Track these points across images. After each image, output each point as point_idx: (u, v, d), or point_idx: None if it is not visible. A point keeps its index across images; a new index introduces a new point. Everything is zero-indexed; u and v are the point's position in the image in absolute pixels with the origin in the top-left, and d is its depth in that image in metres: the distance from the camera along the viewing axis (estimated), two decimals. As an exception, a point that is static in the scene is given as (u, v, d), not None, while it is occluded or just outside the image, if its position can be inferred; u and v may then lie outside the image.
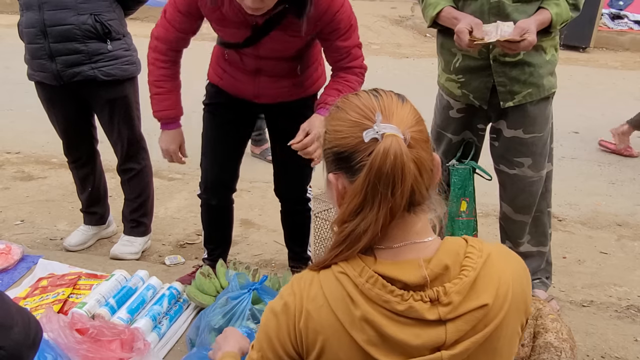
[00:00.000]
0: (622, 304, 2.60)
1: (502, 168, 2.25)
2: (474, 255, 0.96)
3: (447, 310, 0.92)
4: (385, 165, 0.90)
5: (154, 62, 2.08)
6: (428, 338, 0.92)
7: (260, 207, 3.40)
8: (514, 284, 0.97)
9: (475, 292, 0.93)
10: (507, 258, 1.01)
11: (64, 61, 2.42)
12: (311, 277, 0.99)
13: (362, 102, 0.98)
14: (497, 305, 0.94)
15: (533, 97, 2.11)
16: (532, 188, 2.22)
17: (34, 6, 2.39)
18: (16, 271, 2.42)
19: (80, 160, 2.76)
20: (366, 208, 0.93)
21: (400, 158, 0.90)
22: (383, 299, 0.92)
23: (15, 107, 4.95)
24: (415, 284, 0.92)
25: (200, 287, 2.18)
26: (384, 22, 8.34)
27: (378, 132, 0.92)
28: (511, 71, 2.07)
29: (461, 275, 0.94)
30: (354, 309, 0.93)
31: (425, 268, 0.93)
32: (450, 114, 2.23)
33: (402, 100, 0.99)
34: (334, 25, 1.88)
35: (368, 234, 0.93)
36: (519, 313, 0.99)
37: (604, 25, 7.97)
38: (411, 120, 0.96)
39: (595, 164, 4.24)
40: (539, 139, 2.16)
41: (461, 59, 2.12)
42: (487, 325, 0.93)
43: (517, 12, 1.99)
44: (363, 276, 0.94)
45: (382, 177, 0.90)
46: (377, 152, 0.91)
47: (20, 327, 1.15)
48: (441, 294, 0.92)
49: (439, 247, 0.97)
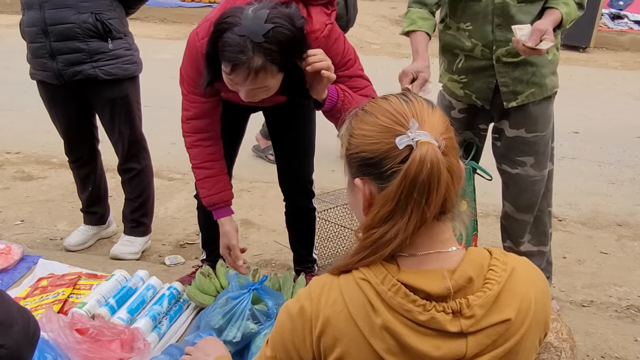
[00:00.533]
0: (622, 304, 2.60)
1: (504, 168, 2.25)
2: (498, 269, 0.95)
3: (469, 324, 0.91)
4: (421, 173, 0.89)
5: (195, 144, 1.97)
6: (448, 350, 0.91)
7: (260, 207, 3.40)
8: (536, 300, 0.97)
9: (498, 307, 0.92)
10: (531, 273, 1.00)
11: (65, 60, 2.42)
12: (330, 281, 0.98)
13: (393, 107, 0.96)
14: (518, 321, 0.93)
15: (536, 96, 2.11)
16: (534, 187, 2.22)
17: (35, 5, 2.39)
18: (16, 271, 2.42)
19: (81, 159, 2.76)
20: (397, 215, 0.91)
21: (437, 166, 0.89)
22: (405, 308, 0.91)
23: (15, 107, 4.95)
24: (438, 295, 0.91)
25: (200, 287, 2.18)
26: (384, 22, 8.35)
27: (413, 139, 0.91)
28: (514, 71, 2.07)
29: (485, 288, 0.93)
30: (375, 317, 0.92)
31: (449, 279, 0.92)
32: (452, 114, 2.23)
33: (432, 107, 0.98)
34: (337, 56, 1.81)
35: (396, 240, 0.92)
36: (538, 328, 0.98)
37: (604, 25, 7.97)
38: (442, 127, 0.95)
39: (595, 164, 4.24)
40: (541, 138, 2.17)
41: (464, 60, 2.12)
42: (507, 340, 0.92)
43: (522, 13, 1.99)
44: (386, 284, 0.92)
45: (418, 184, 0.89)
46: (413, 159, 0.89)
47: (20, 325, 1.15)
48: (464, 306, 0.91)
49: (463, 258, 0.96)
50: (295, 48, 1.64)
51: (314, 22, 1.72)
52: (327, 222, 2.82)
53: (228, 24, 1.58)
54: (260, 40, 1.54)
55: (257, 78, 1.61)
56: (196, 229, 3.05)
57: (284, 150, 2.23)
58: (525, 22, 2.00)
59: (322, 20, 1.74)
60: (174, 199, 3.48)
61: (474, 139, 2.29)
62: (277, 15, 1.58)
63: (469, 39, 2.07)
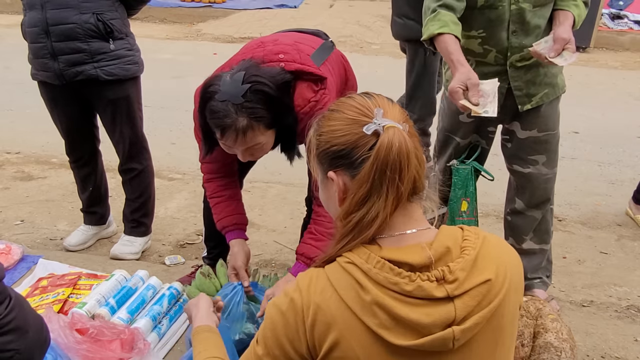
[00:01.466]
0: (622, 304, 2.60)
1: (515, 168, 2.25)
2: (471, 238, 1.02)
3: (453, 287, 0.96)
4: (391, 152, 0.96)
5: (209, 180, 2.07)
6: (439, 315, 0.95)
7: (260, 207, 3.40)
8: (511, 264, 1.03)
9: (478, 269, 0.98)
10: (501, 242, 1.08)
11: (66, 60, 2.42)
12: (317, 272, 1.02)
13: (357, 102, 1.05)
14: (498, 282, 0.99)
15: (550, 97, 2.12)
16: (547, 185, 2.24)
17: (37, 5, 2.39)
18: (16, 271, 2.42)
19: (82, 159, 2.76)
20: (374, 195, 0.98)
21: (405, 144, 0.97)
22: (391, 281, 0.95)
23: (15, 107, 4.95)
24: (420, 265, 0.97)
25: (200, 287, 2.18)
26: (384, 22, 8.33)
27: (380, 124, 0.98)
28: (526, 74, 2.07)
29: (463, 255, 0.99)
30: (364, 295, 0.96)
31: (428, 249, 0.98)
32: (460, 118, 2.21)
33: (391, 101, 1.08)
34: None
35: (378, 220, 0.98)
36: (517, 293, 1.04)
37: (604, 25, 7.96)
38: (403, 117, 1.04)
39: (595, 164, 4.24)
40: (552, 137, 2.18)
41: (475, 65, 2.09)
42: (491, 301, 0.98)
43: (537, 17, 2.00)
44: (370, 262, 0.97)
45: (390, 163, 0.96)
46: (381, 142, 0.97)
47: (34, 331, 1.20)
48: (446, 272, 0.96)
49: (438, 232, 1.03)
50: (278, 102, 1.68)
51: (296, 96, 1.76)
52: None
53: (209, 93, 1.65)
54: (240, 101, 1.61)
55: (246, 137, 1.66)
56: (196, 229, 3.06)
57: None
58: (540, 26, 2.00)
59: (305, 96, 1.76)
60: (174, 199, 3.48)
61: (480, 141, 2.29)
62: (254, 74, 1.64)
63: (481, 45, 2.06)
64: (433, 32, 1.94)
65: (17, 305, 1.17)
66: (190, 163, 3.78)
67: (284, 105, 1.71)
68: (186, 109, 2.19)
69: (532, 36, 2.01)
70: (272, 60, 1.76)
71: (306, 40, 1.97)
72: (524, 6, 1.97)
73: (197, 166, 2.30)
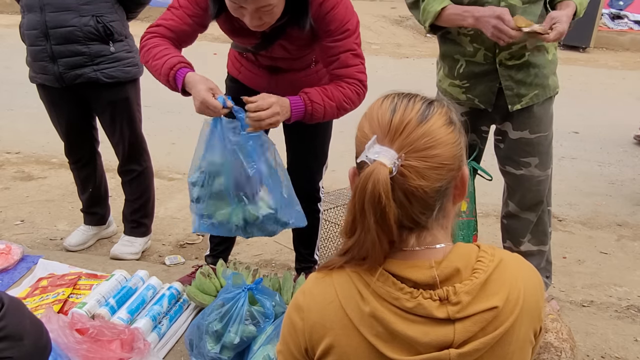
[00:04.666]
0: (622, 304, 2.60)
1: (508, 169, 2.25)
2: (485, 259, 0.97)
3: (455, 310, 0.92)
4: (366, 190, 0.89)
5: (152, 36, 1.85)
6: (436, 336, 0.92)
7: (260, 207, 3.40)
8: (526, 290, 0.98)
9: (486, 294, 0.94)
10: (520, 265, 1.01)
11: (65, 63, 2.42)
12: (323, 275, 1.02)
13: (377, 114, 0.96)
14: (507, 309, 0.94)
15: (540, 98, 2.11)
16: (539, 187, 2.23)
17: (36, 8, 2.39)
18: (16, 271, 2.42)
19: (82, 161, 2.76)
20: (359, 227, 0.93)
21: (381, 186, 0.88)
22: (393, 296, 0.93)
23: (15, 107, 4.95)
24: (424, 283, 0.93)
25: (200, 287, 2.18)
26: (384, 22, 8.35)
27: (367, 156, 0.91)
28: (517, 74, 2.07)
29: (472, 277, 0.95)
30: (363, 306, 0.94)
31: (435, 269, 0.94)
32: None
33: (422, 120, 0.93)
34: (324, 26, 1.78)
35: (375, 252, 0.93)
36: (531, 320, 0.98)
37: (604, 25, 7.96)
38: (421, 145, 0.91)
39: (595, 164, 4.24)
40: (544, 138, 2.17)
41: (465, 65, 2.10)
42: (497, 329, 0.93)
43: (526, 14, 1.98)
44: (374, 274, 0.95)
45: (366, 200, 0.90)
46: (361, 176, 0.91)
47: (31, 339, 1.17)
48: (450, 293, 0.93)
49: (452, 250, 0.98)
50: None
51: None
52: (327, 222, 2.82)
53: None
54: None
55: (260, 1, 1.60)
56: (196, 229, 3.06)
57: (297, 158, 2.24)
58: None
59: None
60: (174, 199, 3.48)
61: (476, 141, 2.29)
62: None
63: (471, 43, 2.06)
64: (437, 10, 1.95)
65: (12, 311, 1.15)
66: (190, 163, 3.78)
67: None
68: (186, 109, 2.19)
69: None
70: None
71: None
72: (514, 2, 1.97)
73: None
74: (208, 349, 1.82)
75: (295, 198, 1.93)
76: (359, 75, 1.83)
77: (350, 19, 1.81)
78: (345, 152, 4.02)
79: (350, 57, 1.82)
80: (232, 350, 1.82)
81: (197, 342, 1.87)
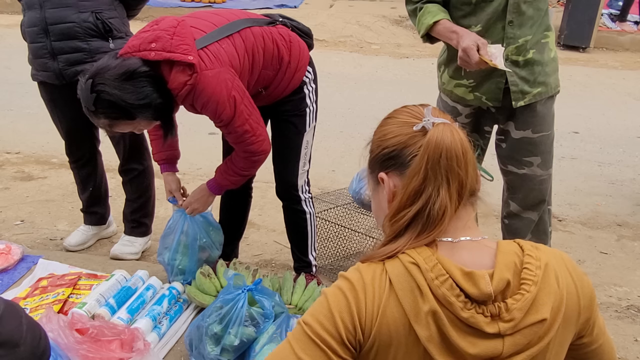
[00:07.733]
0: (622, 304, 2.60)
1: (510, 169, 2.25)
2: (532, 266, 0.96)
3: (507, 327, 0.92)
4: (443, 142, 0.93)
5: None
6: (484, 348, 0.92)
7: (260, 207, 3.40)
8: (569, 294, 0.99)
9: (535, 307, 0.94)
10: (561, 266, 1.01)
11: (65, 59, 2.42)
12: (375, 266, 0.97)
13: (409, 109, 1.05)
14: (551, 318, 0.95)
15: (543, 95, 2.12)
16: (542, 186, 2.24)
17: (36, 5, 2.39)
18: (16, 271, 2.41)
19: (82, 160, 2.76)
20: (428, 187, 0.94)
21: (458, 135, 0.95)
22: (448, 300, 0.91)
23: (15, 107, 4.95)
24: (478, 298, 0.92)
25: (200, 287, 2.18)
26: (384, 22, 8.34)
27: (429, 120, 0.97)
28: (521, 71, 2.08)
29: (522, 290, 0.94)
30: (422, 303, 0.91)
31: (490, 284, 0.92)
32: (458, 119, 2.21)
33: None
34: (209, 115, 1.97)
35: (445, 217, 0.94)
36: (569, 324, 0.99)
37: (604, 25, 7.96)
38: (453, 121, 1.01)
39: (595, 164, 4.24)
40: (547, 138, 2.18)
41: None
42: (542, 339, 0.94)
43: (532, 8, 2.02)
44: (434, 272, 0.92)
45: (443, 151, 0.93)
46: (430, 135, 0.95)
47: (27, 345, 1.15)
48: (503, 310, 0.92)
49: (497, 257, 0.96)
50: (128, 103, 1.80)
51: (171, 80, 1.85)
52: (327, 222, 2.82)
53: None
54: (93, 108, 1.82)
55: (114, 129, 1.90)
56: (196, 229, 3.05)
57: (274, 151, 2.28)
58: (533, 18, 2.03)
59: (180, 80, 1.84)
60: (174, 199, 3.48)
61: (479, 141, 2.29)
62: (100, 82, 1.78)
63: None
64: (429, 23, 2.03)
65: (7, 317, 1.13)
66: (190, 163, 3.77)
67: (138, 100, 1.81)
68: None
69: (526, 27, 2.03)
70: (145, 49, 1.84)
71: (213, 18, 1.98)
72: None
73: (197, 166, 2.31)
74: (208, 351, 1.81)
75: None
76: (249, 147, 2.03)
77: (222, 112, 1.93)
78: (345, 153, 4.02)
79: (238, 136, 2.01)
80: (232, 352, 1.81)
81: (197, 343, 1.87)
